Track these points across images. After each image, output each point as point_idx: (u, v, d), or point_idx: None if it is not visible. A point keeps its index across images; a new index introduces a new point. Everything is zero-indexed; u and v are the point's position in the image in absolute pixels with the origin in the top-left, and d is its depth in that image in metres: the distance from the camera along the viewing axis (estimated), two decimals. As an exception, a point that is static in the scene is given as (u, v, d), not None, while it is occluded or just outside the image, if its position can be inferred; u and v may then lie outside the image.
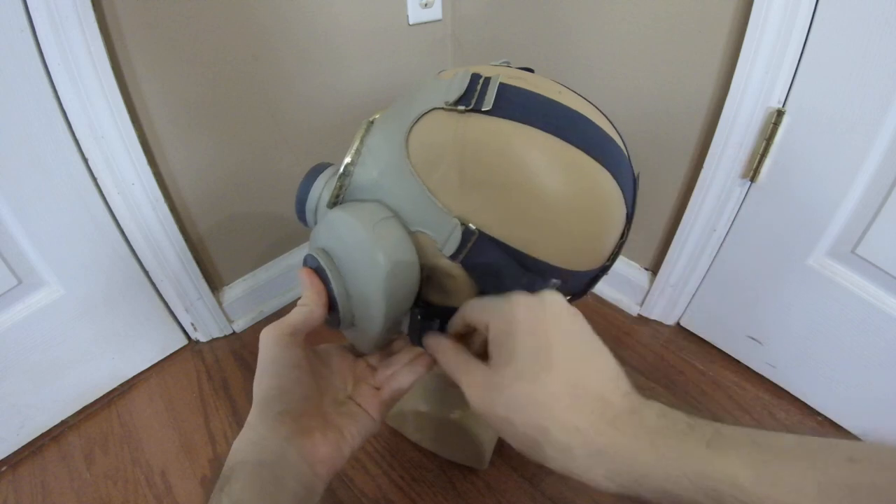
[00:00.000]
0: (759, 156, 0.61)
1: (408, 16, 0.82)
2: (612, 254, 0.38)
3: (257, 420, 0.30)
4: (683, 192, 0.73)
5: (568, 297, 0.38)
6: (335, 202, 0.35)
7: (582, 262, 0.35)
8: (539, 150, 0.31)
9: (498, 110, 0.31)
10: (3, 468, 0.66)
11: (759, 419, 0.70)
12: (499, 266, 0.32)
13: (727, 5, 0.57)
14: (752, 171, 0.63)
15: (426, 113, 0.32)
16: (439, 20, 0.87)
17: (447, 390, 0.56)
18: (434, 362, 0.39)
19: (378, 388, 0.37)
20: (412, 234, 0.33)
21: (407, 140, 0.33)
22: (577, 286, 0.38)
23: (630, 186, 0.36)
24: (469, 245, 0.31)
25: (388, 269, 0.30)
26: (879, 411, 0.65)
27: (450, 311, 0.35)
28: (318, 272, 0.33)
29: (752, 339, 0.75)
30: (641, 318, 0.88)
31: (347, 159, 0.35)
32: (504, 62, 0.39)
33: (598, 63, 0.72)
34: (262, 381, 0.31)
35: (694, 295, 0.80)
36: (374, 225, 0.31)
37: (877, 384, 0.64)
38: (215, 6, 0.61)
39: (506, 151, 0.31)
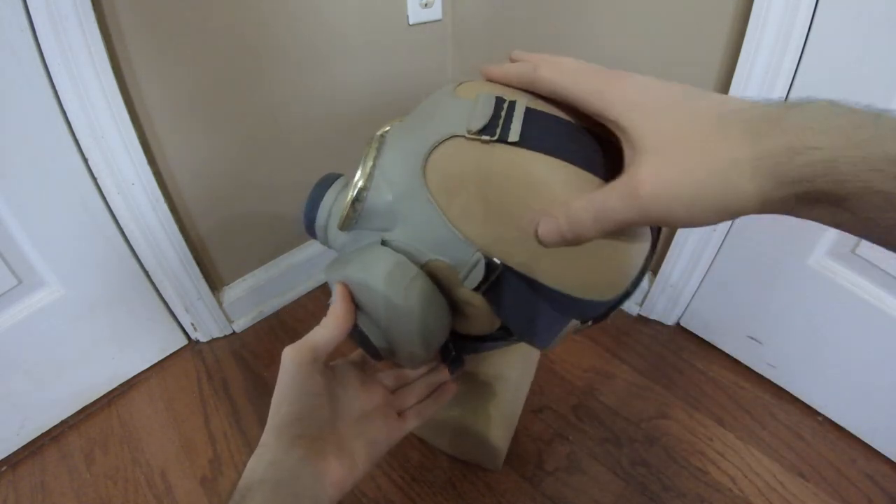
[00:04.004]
0: (759, 156, 0.61)
1: (408, 16, 0.82)
2: (635, 280, 0.36)
3: (273, 441, 0.31)
4: (683, 192, 0.73)
5: (589, 324, 0.37)
6: (347, 225, 0.34)
7: (605, 293, 0.33)
8: (566, 183, 0.29)
9: (524, 141, 0.29)
10: (3, 468, 0.66)
11: (759, 419, 0.70)
12: (521, 298, 0.31)
13: (727, 5, 0.57)
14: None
15: (446, 139, 0.30)
16: (439, 20, 0.87)
17: (460, 393, 0.57)
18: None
19: (400, 414, 0.39)
20: (430, 263, 0.32)
21: (425, 166, 0.31)
22: (599, 314, 0.37)
23: None
24: (492, 278, 0.30)
25: (423, 328, 0.31)
26: (879, 411, 0.65)
27: (471, 337, 0.35)
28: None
29: (752, 339, 0.75)
30: (641, 318, 0.88)
31: (360, 183, 0.33)
32: None
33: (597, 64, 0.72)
34: (281, 406, 0.32)
35: (694, 295, 0.80)
36: (405, 289, 0.30)
37: (877, 384, 0.64)
38: (215, 6, 0.61)
39: (533, 185, 0.29)
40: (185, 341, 0.83)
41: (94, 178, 0.60)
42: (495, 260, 0.30)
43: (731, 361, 0.79)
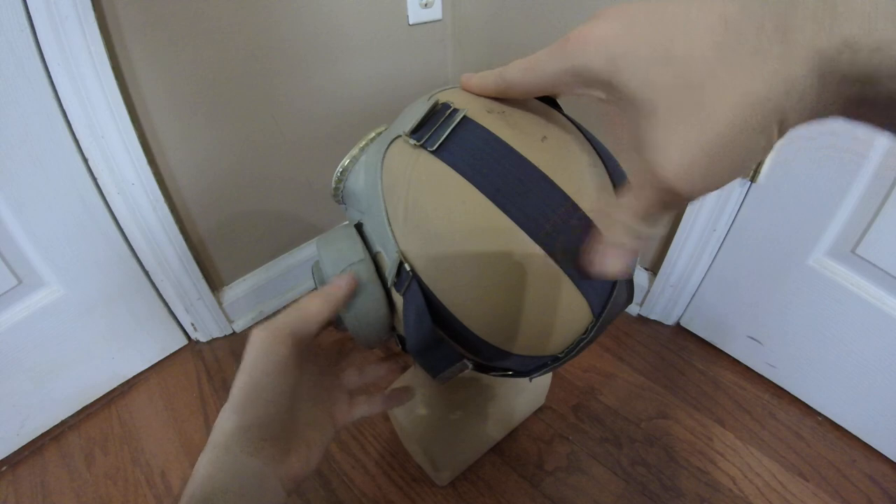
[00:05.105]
0: (759, 156, 0.61)
1: (408, 16, 0.82)
2: (567, 349, 0.33)
3: (235, 445, 0.28)
4: (683, 192, 0.73)
5: (510, 374, 0.37)
6: (336, 198, 0.37)
7: (514, 346, 0.31)
8: (468, 213, 0.27)
9: (443, 153, 0.28)
10: (3, 468, 0.66)
11: (759, 419, 0.71)
12: (421, 317, 0.29)
13: None
14: (752, 172, 0.63)
15: (395, 139, 0.31)
16: (439, 20, 0.87)
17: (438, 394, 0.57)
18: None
19: (349, 402, 0.38)
20: (377, 255, 0.32)
21: (383, 161, 0.32)
22: (518, 367, 0.35)
23: (603, 281, 0.30)
24: (406, 284, 0.30)
25: (354, 314, 0.32)
26: (879, 411, 0.65)
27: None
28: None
29: (752, 339, 0.75)
30: (641, 318, 0.88)
31: (346, 161, 0.35)
32: None
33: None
34: (252, 403, 0.29)
35: (694, 295, 0.80)
36: (341, 272, 0.32)
37: (877, 384, 0.64)
38: (215, 6, 0.61)
39: (440, 203, 0.28)
40: (185, 341, 0.83)
41: (94, 178, 0.60)
42: (406, 267, 0.29)
43: (731, 361, 0.79)
